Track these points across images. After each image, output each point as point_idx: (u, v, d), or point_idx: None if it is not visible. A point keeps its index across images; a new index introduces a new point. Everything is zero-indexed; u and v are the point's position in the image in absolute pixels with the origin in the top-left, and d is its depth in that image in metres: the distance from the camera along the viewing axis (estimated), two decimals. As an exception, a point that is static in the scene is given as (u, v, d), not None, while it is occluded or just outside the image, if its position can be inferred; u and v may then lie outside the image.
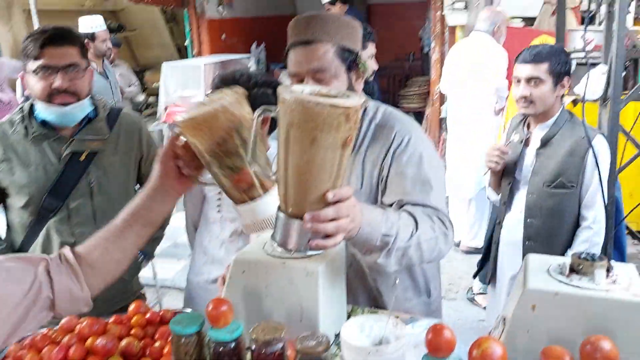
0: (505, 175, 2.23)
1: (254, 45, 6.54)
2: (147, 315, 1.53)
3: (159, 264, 2.35)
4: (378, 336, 0.98)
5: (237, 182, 1.11)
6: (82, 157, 1.85)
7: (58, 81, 1.71)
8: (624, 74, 2.44)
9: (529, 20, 5.36)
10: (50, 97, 1.73)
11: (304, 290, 1.16)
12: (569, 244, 2.09)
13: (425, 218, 1.33)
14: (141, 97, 5.49)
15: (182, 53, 6.75)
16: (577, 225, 2.08)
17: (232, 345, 1.06)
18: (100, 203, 1.88)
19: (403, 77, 7.13)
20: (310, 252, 1.12)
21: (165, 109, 4.85)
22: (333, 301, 1.22)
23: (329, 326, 1.19)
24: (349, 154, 1.03)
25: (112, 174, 1.91)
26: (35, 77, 1.72)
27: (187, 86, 4.61)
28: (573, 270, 1.06)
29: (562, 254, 2.05)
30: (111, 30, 7.57)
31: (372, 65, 1.92)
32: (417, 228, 1.29)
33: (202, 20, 5.65)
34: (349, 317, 1.36)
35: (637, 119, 2.43)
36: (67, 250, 1.09)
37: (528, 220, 2.13)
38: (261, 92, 1.85)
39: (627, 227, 2.78)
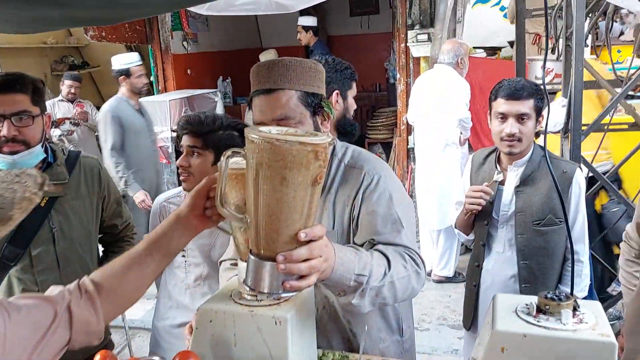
0: (481, 215, 2.11)
1: (220, 80, 6.55)
2: (113, 367, 1.47)
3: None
4: None
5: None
6: (43, 203, 1.80)
7: (4, 130, 1.69)
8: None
9: (491, 50, 5.54)
10: None
11: (273, 338, 1.13)
12: (559, 280, 2.06)
13: (397, 257, 1.33)
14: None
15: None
16: (564, 260, 2.05)
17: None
18: (63, 248, 1.84)
19: (370, 108, 7.22)
20: (283, 294, 1.10)
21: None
22: (303, 348, 1.20)
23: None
24: (319, 193, 1.02)
25: (74, 218, 1.87)
26: None
27: (154, 123, 4.55)
28: (540, 310, 1.07)
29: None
30: (74, 67, 7.50)
31: (352, 105, 1.94)
32: (389, 267, 1.28)
33: (167, 56, 5.64)
34: (319, 362, 1.34)
35: (596, 151, 2.52)
36: (87, 280, 1.09)
37: (522, 263, 2.04)
38: (227, 134, 1.86)
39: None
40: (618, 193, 2.75)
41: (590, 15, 2.61)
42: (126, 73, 3.97)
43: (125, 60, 4.04)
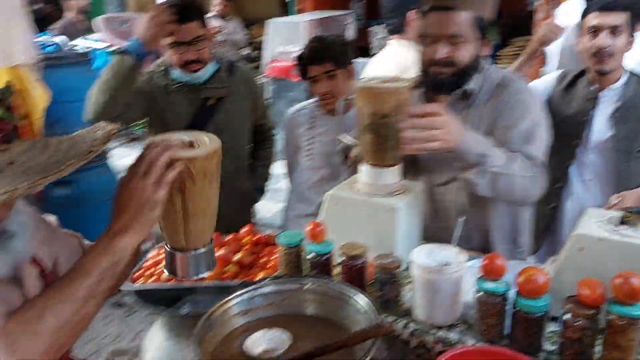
0: (567, 132, 2.03)
1: (354, 1, 6.67)
2: (256, 237, 1.86)
3: (259, 205, 2.72)
4: (442, 260, 1.21)
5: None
6: (211, 103, 2.26)
7: (188, 55, 2.12)
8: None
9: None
10: (184, 66, 2.15)
11: (385, 223, 1.40)
12: None
13: (525, 160, 1.50)
14: (247, 50, 5.85)
15: (286, 9, 7.01)
16: None
17: (325, 257, 1.34)
18: (226, 140, 2.25)
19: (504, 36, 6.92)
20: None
21: (268, 63, 5.18)
22: (409, 234, 1.46)
23: (403, 253, 1.43)
24: None
25: (234, 115, 2.30)
26: (169, 50, 2.14)
27: (289, 42, 4.88)
28: (622, 222, 1.21)
29: None
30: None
31: None
32: (513, 162, 1.47)
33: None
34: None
35: None
36: None
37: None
38: (343, 49, 2.14)
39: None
40: None
41: None
42: None
43: None
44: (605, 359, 1.07)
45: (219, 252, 1.73)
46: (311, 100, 2.35)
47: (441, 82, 1.57)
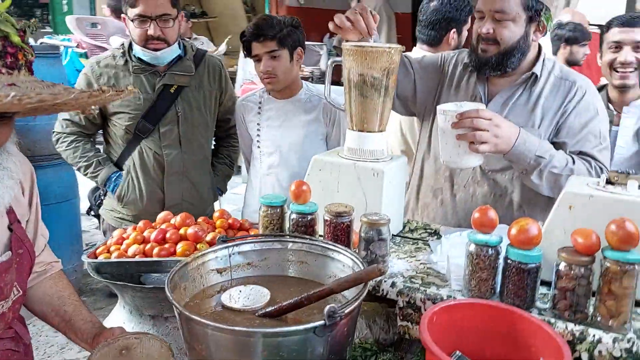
0: None
1: (327, 36, 6.82)
2: (230, 221, 1.78)
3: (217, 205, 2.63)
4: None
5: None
6: (172, 90, 2.16)
7: (151, 30, 2.02)
8: None
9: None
10: (145, 42, 2.05)
11: (370, 187, 1.36)
12: None
13: (584, 161, 1.52)
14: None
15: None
16: None
17: (309, 217, 1.28)
18: (185, 130, 2.19)
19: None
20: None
21: (242, 85, 5.18)
22: (394, 198, 1.42)
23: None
24: None
25: (195, 106, 2.21)
26: (132, 24, 2.04)
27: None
28: (609, 182, 1.21)
29: None
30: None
31: (465, 35, 2.20)
32: (573, 162, 1.49)
33: (281, 7, 5.99)
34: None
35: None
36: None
37: None
38: (290, 30, 2.03)
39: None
40: None
41: None
42: None
43: None
44: (600, 309, 1.04)
45: (190, 230, 1.62)
46: (258, 89, 2.25)
47: (485, 60, 1.57)
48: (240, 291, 1.13)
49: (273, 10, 6.01)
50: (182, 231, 1.60)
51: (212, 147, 2.43)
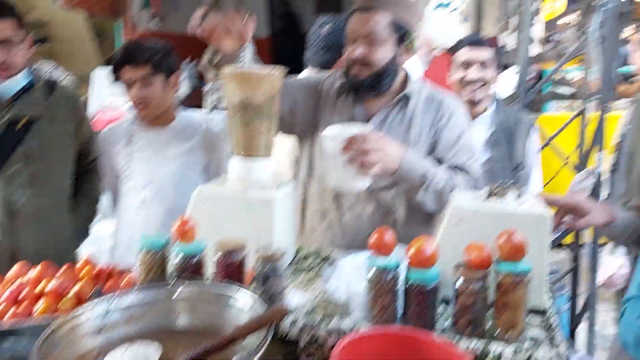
0: None
1: (187, 60, 6.61)
2: (97, 268, 1.58)
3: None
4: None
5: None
6: (19, 126, 1.90)
7: None
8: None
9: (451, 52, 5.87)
10: None
11: (261, 217, 1.28)
12: None
13: (461, 173, 1.58)
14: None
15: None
16: None
17: (196, 258, 1.16)
18: (37, 169, 1.93)
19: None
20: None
21: (96, 114, 4.80)
22: (286, 228, 1.35)
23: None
24: None
25: (49, 141, 1.96)
26: None
27: (117, 93, 4.59)
28: (491, 194, 1.26)
29: None
30: (36, 41, 7.37)
31: None
32: (453, 176, 1.54)
33: (135, 32, 5.69)
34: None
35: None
36: None
37: None
38: (164, 53, 1.90)
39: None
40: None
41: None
42: None
43: None
44: (497, 322, 1.06)
45: (51, 284, 1.40)
46: (129, 115, 2.09)
47: (359, 82, 1.61)
48: (125, 351, 0.98)
49: (124, 36, 5.68)
50: (41, 286, 1.39)
51: (72, 184, 2.16)
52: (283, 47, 7.14)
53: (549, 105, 4.67)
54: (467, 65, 2.17)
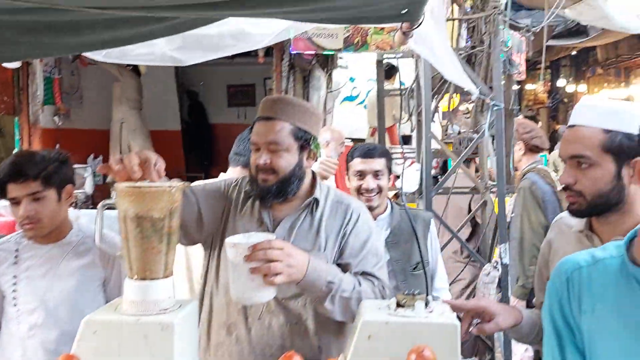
0: None
1: (91, 157, 6.38)
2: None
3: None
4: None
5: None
6: None
7: None
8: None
9: (356, 141, 6.12)
10: None
11: (159, 344, 1.17)
12: None
13: (367, 282, 1.56)
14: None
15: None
16: None
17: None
18: None
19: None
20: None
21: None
22: (188, 353, 1.25)
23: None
24: None
25: None
26: None
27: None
28: (399, 305, 1.25)
29: None
30: None
31: None
32: (359, 284, 1.53)
33: (35, 129, 5.44)
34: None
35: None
36: None
37: None
38: (57, 167, 1.79)
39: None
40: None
41: (436, 95, 3.13)
42: None
43: None
44: None
45: None
46: (15, 233, 1.90)
47: (266, 189, 1.60)
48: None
49: (25, 134, 5.41)
50: None
51: None
52: (194, 138, 7.15)
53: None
54: (361, 175, 2.26)
